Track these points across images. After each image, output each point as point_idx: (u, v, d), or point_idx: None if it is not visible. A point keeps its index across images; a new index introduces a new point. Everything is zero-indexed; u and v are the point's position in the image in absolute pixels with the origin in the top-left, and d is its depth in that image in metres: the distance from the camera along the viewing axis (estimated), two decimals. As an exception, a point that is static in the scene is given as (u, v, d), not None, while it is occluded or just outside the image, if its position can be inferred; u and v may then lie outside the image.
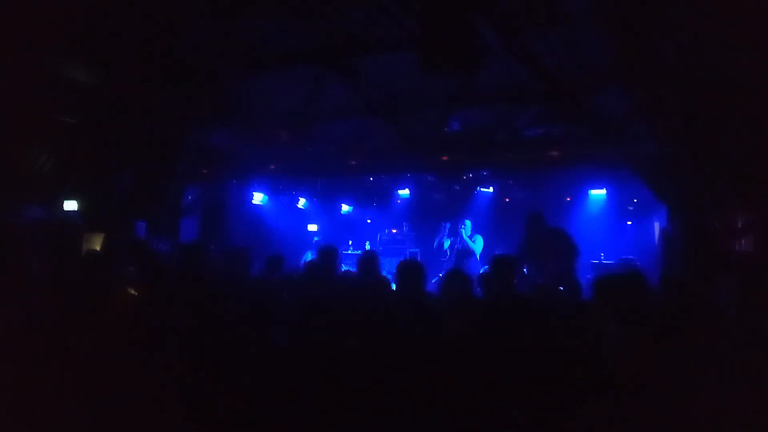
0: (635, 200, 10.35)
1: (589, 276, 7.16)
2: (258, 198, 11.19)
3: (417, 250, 11.10)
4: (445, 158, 8.33)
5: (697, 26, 4.94)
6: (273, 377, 2.54)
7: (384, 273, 5.40)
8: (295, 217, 12.59)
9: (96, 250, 6.40)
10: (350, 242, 11.78)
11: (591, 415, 2.26)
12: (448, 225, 9.66)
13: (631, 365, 2.59)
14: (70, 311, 3.64)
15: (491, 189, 11.07)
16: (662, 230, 7.36)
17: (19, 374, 3.19)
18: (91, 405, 2.86)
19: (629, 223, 10.65)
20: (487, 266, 9.47)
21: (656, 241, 8.40)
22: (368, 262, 4.62)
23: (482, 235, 9.26)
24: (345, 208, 13.38)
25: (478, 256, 9.03)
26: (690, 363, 2.51)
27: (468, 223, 9.31)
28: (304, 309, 3.14)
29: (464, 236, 9.16)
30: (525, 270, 6.49)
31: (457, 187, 11.55)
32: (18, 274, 6.02)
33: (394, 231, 11.71)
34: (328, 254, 5.10)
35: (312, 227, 13.07)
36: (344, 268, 7.09)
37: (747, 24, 4.62)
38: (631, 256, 8.85)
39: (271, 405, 2.45)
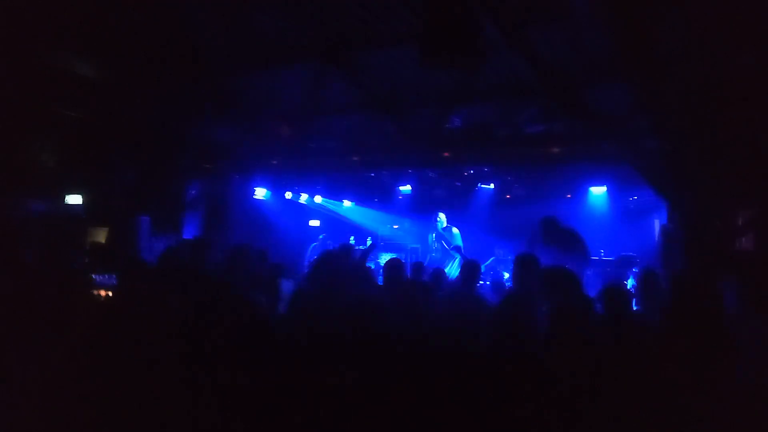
0: (635, 197, 10.35)
1: (589, 272, 7.15)
2: (260, 193, 11.23)
3: (418, 245, 11.14)
4: (446, 154, 8.35)
5: (699, 22, 4.95)
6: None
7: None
8: (297, 212, 12.62)
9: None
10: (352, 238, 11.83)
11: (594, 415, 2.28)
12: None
13: (631, 362, 2.61)
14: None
15: (492, 185, 11.08)
16: (662, 227, 7.36)
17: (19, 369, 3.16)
18: (92, 402, 2.82)
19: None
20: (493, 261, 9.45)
21: (656, 239, 8.40)
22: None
23: (484, 232, 9.13)
24: (347, 203, 13.41)
25: (453, 251, 8.77)
26: (692, 361, 2.51)
27: (441, 216, 9.06)
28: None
29: (430, 240, 8.95)
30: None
31: (459, 184, 11.56)
32: (21, 268, 6.05)
33: (396, 227, 11.73)
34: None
35: (314, 223, 13.10)
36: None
37: (749, 21, 4.63)
38: (631, 253, 8.86)
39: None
